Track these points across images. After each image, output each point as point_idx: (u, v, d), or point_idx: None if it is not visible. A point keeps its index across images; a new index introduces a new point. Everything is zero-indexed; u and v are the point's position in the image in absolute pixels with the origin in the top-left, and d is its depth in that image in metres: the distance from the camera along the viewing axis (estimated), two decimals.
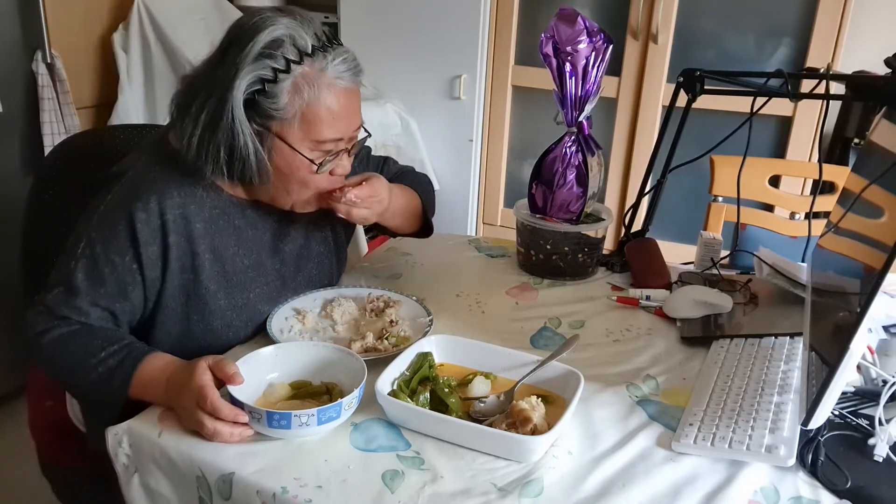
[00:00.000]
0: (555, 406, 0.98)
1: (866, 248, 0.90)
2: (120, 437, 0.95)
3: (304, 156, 1.06)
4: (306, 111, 1.04)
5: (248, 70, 1.01)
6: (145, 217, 1.04)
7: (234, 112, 1.01)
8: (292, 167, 1.07)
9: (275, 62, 1.01)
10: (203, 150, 1.04)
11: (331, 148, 1.08)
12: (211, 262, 1.11)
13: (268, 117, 1.03)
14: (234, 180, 1.09)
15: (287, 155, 1.06)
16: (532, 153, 2.76)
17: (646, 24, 2.54)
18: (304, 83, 1.03)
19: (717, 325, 1.26)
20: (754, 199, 1.98)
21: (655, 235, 1.56)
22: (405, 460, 0.90)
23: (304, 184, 1.10)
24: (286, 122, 1.04)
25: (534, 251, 1.46)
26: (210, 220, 1.11)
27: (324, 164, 1.08)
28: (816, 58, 2.37)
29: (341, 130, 1.08)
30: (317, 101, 1.04)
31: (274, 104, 1.02)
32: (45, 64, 2.11)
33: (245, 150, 1.03)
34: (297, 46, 1.02)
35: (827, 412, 0.81)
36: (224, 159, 1.04)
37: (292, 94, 1.02)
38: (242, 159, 1.04)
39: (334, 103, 1.05)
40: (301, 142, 1.05)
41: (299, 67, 1.02)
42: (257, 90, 1.02)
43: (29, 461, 1.33)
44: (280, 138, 1.05)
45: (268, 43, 1.01)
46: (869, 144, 1.23)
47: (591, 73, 1.36)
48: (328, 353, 1.04)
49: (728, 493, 0.87)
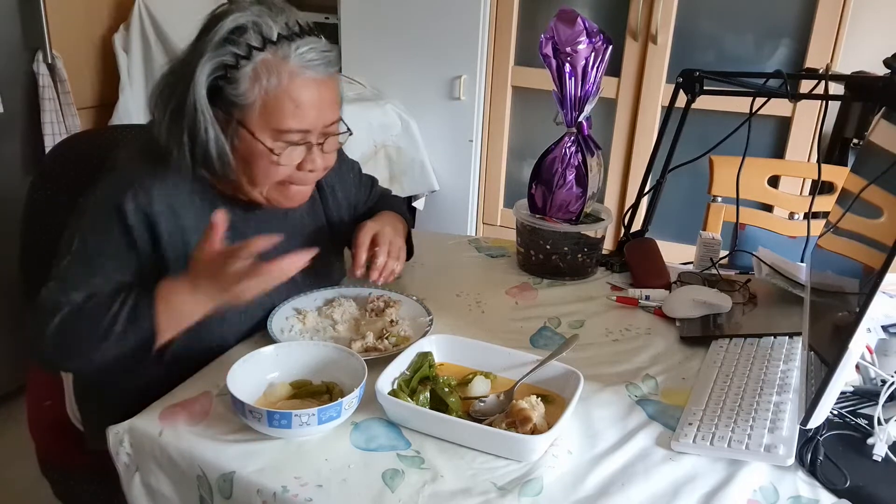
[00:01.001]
0: (554, 405, 0.98)
1: (865, 248, 0.90)
2: (121, 437, 0.95)
3: (265, 145, 1.04)
4: (267, 99, 1.02)
5: (210, 56, 1.01)
6: (134, 207, 1.05)
7: (197, 98, 1.01)
8: (254, 156, 1.06)
9: (237, 48, 1.01)
10: (171, 137, 1.05)
11: (296, 139, 1.06)
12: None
13: (230, 104, 1.03)
14: (199, 168, 1.08)
15: (249, 143, 1.05)
16: (532, 153, 2.77)
17: (645, 24, 2.55)
18: (265, 70, 1.02)
19: (716, 324, 1.26)
20: (753, 200, 1.99)
21: (655, 235, 1.56)
22: (405, 459, 0.90)
23: (268, 174, 1.08)
24: (247, 109, 1.03)
25: (533, 251, 1.46)
26: (199, 214, 1.11)
27: (285, 154, 1.06)
28: (815, 58, 2.37)
29: (308, 122, 1.05)
30: (278, 89, 1.02)
31: (235, 91, 1.02)
32: (46, 64, 2.11)
33: (206, 135, 1.03)
34: (261, 33, 1.02)
35: (826, 412, 0.81)
36: (188, 145, 1.04)
37: (253, 81, 1.02)
38: (203, 146, 1.04)
39: (298, 93, 1.03)
40: (262, 130, 1.04)
41: (261, 54, 1.02)
42: (220, 76, 1.02)
43: (29, 460, 1.33)
44: (242, 126, 1.04)
45: (232, 29, 1.02)
46: (868, 145, 1.23)
47: (591, 73, 1.37)
48: (328, 353, 1.05)
49: (727, 493, 0.87)
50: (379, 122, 2.67)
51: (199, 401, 1.00)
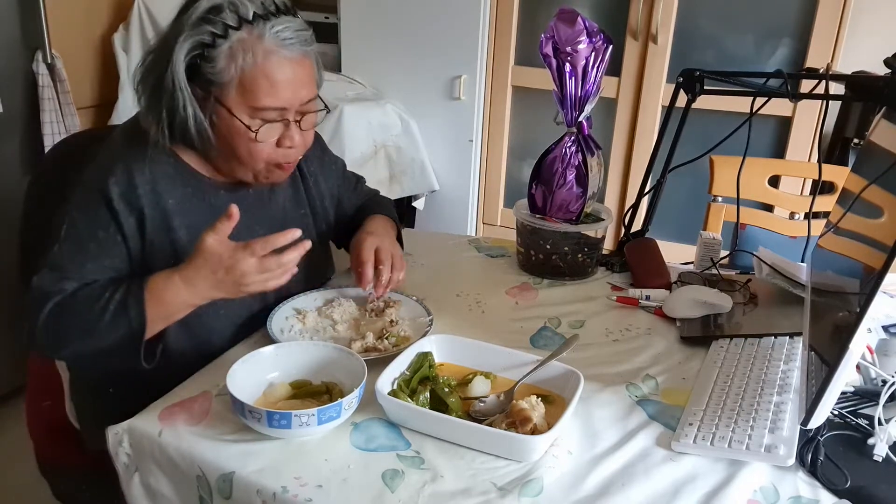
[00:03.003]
0: (554, 406, 0.98)
1: (866, 248, 0.90)
2: (120, 437, 0.95)
3: (242, 122, 1.07)
4: (243, 77, 1.05)
5: (187, 35, 1.03)
6: (119, 190, 1.07)
7: (175, 75, 1.04)
8: (231, 132, 1.08)
9: (213, 27, 1.03)
10: (150, 113, 1.08)
11: (273, 116, 1.08)
12: (188, 238, 1.12)
13: (208, 82, 1.05)
14: (181, 144, 1.11)
15: (227, 120, 1.07)
16: (532, 153, 2.77)
17: (645, 24, 2.54)
18: (241, 49, 1.04)
19: (716, 324, 1.26)
20: (754, 199, 1.99)
21: (655, 235, 1.56)
22: (405, 460, 0.90)
23: (250, 152, 1.10)
24: (224, 87, 1.05)
25: (534, 251, 1.46)
26: (183, 197, 1.13)
27: (262, 131, 1.08)
28: (816, 58, 2.37)
29: (284, 100, 1.07)
30: (253, 67, 1.04)
31: (212, 69, 1.04)
32: (46, 64, 2.11)
33: (184, 112, 1.06)
34: (237, 13, 1.04)
35: (826, 412, 0.81)
36: (166, 121, 1.07)
37: (229, 60, 1.04)
38: (182, 122, 1.07)
39: (273, 71, 1.05)
40: (239, 107, 1.06)
41: (237, 33, 1.04)
42: (198, 55, 1.04)
43: (28, 461, 1.33)
44: (219, 103, 1.06)
45: (208, 8, 1.04)
46: (868, 145, 1.23)
47: (591, 73, 1.37)
48: (328, 353, 1.04)
49: (727, 493, 0.87)
50: (379, 122, 2.67)
51: (198, 401, 1.00)
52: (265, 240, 0.99)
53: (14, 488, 1.87)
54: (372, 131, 2.64)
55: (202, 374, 1.07)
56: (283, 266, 1.01)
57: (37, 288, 1.04)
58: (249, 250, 0.99)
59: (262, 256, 0.99)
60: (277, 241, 0.99)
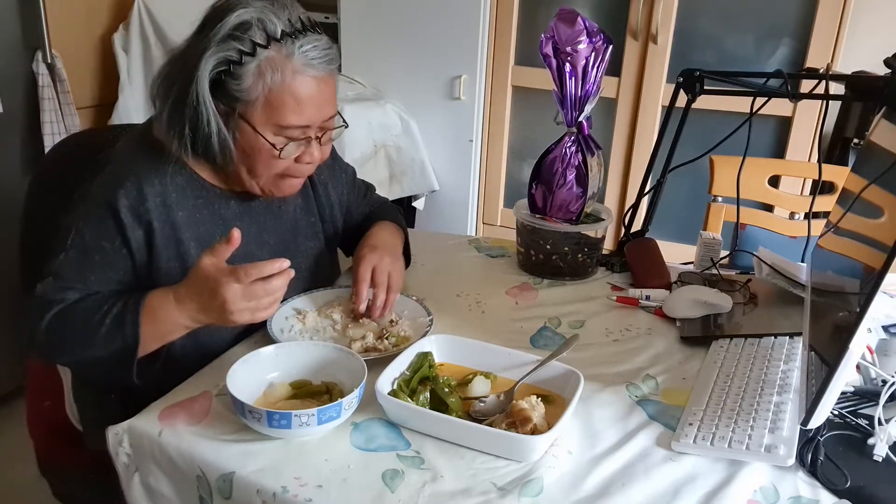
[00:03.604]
0: (555, 406, 0.98)
1: (866, 248, 0.90)
2: (120, 437, 0.95)
3: (267, 139, 1.06)
4: (270, 96, 1.04)
5: (214, 50, 1.02)
6: (128, 203, 1.06)
7: (199, 90, 1.03)
8: (255, 149, 1.08)
9: (241, 44, 1.02)
10: (171, 127, 1.06)
11: (297, 134, 1.08)
12: (196, 251, 1.11)
13: (233, 98, 1.05)
14: (199, 158, 1.10)
15: (250, 137, 1.07)
16: (532, 153, 2.77)
17: (645, 24, 2.54)
18: (269, 67, 1.03)
19: (716, 324, 1.26)
20: (754, 199, 1.98)
21: (655, 235, 1.56)
22: (405, 460, 0.90)
23: (269, 167, 1.10)
24: (250, 104, 1.05)
25: (534, 251, 1.46)
26: (193, 209, 1.12)
27: (286, 149, 1.08)
28: (816, 58, 2.37)
29: (308, 118, 1.07)
30: (281, 86, 1.04)
31: (238, 86, 1.04)
32: (46, 64, 2.11)
33: (208, 128, 1.05)
34: (265, 30, 1.03)
35: (826, 412, 0.81)
36: (189, 136, 1.06)
37: (256, 78, 1.03)
38: (206, 138, 1.06)
39: (300, 90, 1.05)
40: (264, 125, 1.06)
41: (265, 51, 1.03)
42: (223, 71, 1.03)
43: (28, 461, 1.33)
44: (244, 120, 1.06)
45: (236, 25, 1.03)
46: (868, 144, 1.23)
47: (591, 73, 1.37)
48: (328, 353, 1.04)
49: (727, 493, 0.87)
50: (379, 122, 2.67)
51: (198, 401, 1.00)
52: (252, 266, 0.96)
53: (14, 488, 1.87)
54: (372, 131, 2.64)
55: (202, 374, 1.07)
56: (269, 294, 0.97)
57: (40, 296, 1.04)
58: (234, 276, 0.96)
59: (250, 283, 0.96)
60: (264, 270, 0.96)
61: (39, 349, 1.05)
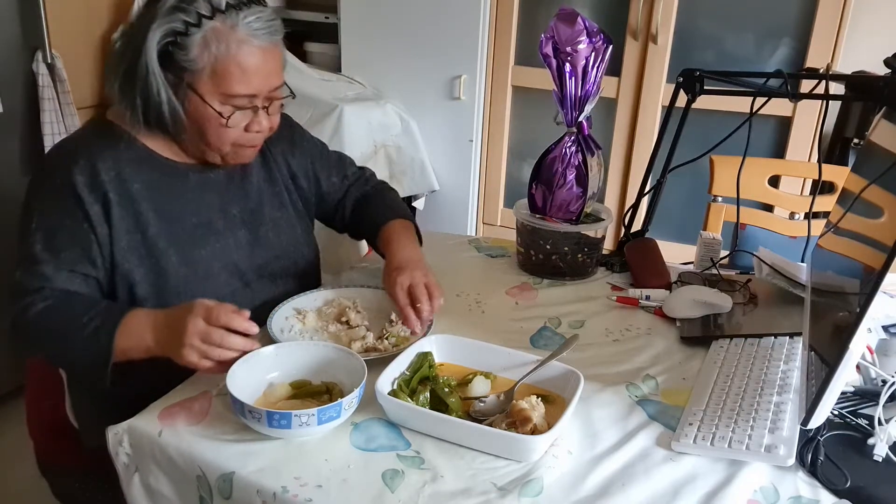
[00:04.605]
0: (555, 406, 0.98)
1: (866, 248, 0.90)
2: (120, 437, 0.95)
3: (214, 108, 1.09)
4: (216, 65, 1.07)
5: (161, 22, 1.06)
6: (83, 179, 1.09)
7: (148, 61, 1.06)
8: (204, 118, 1.11)
9: (187, 15, 1.06)
10: (123, 99, 1.10)
11: (243, 103, 1.11)
12: (156, 220, 1.14)
13: (181, 69, 1.08)
14: (153, 130, 1.13)
15: (199, 106, 1.10)
16: (532, 153, 2.77)
17: (645, 24, 2.54)
18: (214, 38, 1.07)
19: (716, 324, 1.26)
20: (754, 199, 1.98)
21: (655, 235, 1.56)
22: (405, 460, 0.90)
23: (219, 136, 1.13)
24: (197, 74, 1.08)
25: (534, 251, 1.46)
26: (149, 181, 1.15)
27: (233, 117, 1.11)
28: (816, 58, 2.36)
29: (254, 87, 1.10)
30: (226, 56, 1.07)
31: (185, 56, 1.07)
32: (46, 64, 2.11)
33: (158, 98, 1.08)
34: (210, 2, 1.07)
35: (826, 412, 0.81)
36: (140, 107, 1.09)
37: (202, 48, 1.07)
38: (156, 108, 1.09)
39: (245, 60, 1.08)
40: (212, 95, 1.09)
41: (210, 22, 1.06)
42: (171, 42, 1.06)
43: (28, 461, 1.33)
44: (192, 90, 1.09)
45: None
46: (868, 144, 1.23)
47: (591, 73, 1.37)
48: (328, 353, 1.04)
49: (728, 493, 0.87)
50: (379, 122, 2.67)
51: (198, 401, 1.00)
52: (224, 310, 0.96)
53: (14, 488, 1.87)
54: (372, 131, 2.64)
55: (202, 373, 1.07)
56: (223, 346, 0.96)
57: (17, 287, 1.07)
58: (205, 312, 0.96)
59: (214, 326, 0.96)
60: (232, 320, 0.97)
61: (19, 338, 1.08)
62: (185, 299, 1.13)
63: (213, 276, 1.19)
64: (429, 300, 1.18)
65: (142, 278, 1.14)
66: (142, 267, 1.13)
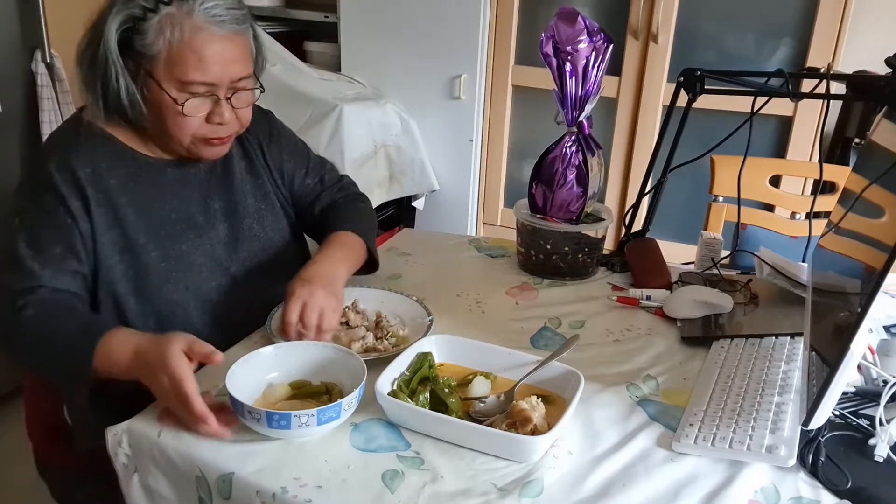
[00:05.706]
0: (555, 406, 0.98)
1: (867, 248, 0.90)
2: (119, 437, 0.95)
3: (170, 95, 1.09)
4: (171, 51, 1.07)
5: (119, 8, 1.07)
6: (60, 176, 1.10)
7: (108, 48, 1.07)
8: (162, 106, 1.10)
9: (145, 1, 1.06)
10: (87, 87, 1.11)
11: (201, 91, 1.10)
12: (135, 216, 1.14)
13: (139, 55, 1.08)
14: (113, 118, 1.14)
15: (156, 93, 1.10)
16: (532, 153, 2.76)
17: (646, 23, 2.54)
18: (170, 23, 1.06)
19: (717, 325, 1.26)
20: (755, 199, 1.98)
21: (656, 235, 1.56)
22: (405, 460, 0.90)
23: (178, 126, 1.12)
24: (153, 60, 1.08)
25: (534, 251, 1.46)
26: (127, 177, 1.15)
27: (188, 104, 1.10)
28: (817, 57, 2.36)
29: (213, 76, 1.09)
30: (181, 42, 1.07)
31: (143, 42, 1.07)
32: (45, 64, 2.11)
33: (117, 85, 1.09)
34: None
35: (827, 412, 0.81)
36: (101, 94, 1.10)
37: (158, 33, 1.06)
38: (115, 95, 1.09)
39: (201, 47, 1.08)
40: (168, 81, 1.09)
41: (167, 8, 1.07)
42: (130, 28, 1.07)
43: (27, 461, 1.33)
44: (150, 76, 1.09)
45: None
46: (869, 144, 1.22)
47: (591, 72, 1.36)
48: (328, 353, 1.04)
49: (728, 494, 0.87)
50: (379, 122, 2.67)
51: None
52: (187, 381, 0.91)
53: (14, 489, 1.87)
54: (372, 131, 2.64)
55: (202, 374, 1.07)
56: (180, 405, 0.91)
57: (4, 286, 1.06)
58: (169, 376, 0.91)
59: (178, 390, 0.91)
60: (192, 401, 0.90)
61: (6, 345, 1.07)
62: (167, 295, 1.15)
63: (195, 271, 1.19)
64: (316, 330, 1.09)
65: (122, 275, 1.13)
66: (122, 263, 1.13)
